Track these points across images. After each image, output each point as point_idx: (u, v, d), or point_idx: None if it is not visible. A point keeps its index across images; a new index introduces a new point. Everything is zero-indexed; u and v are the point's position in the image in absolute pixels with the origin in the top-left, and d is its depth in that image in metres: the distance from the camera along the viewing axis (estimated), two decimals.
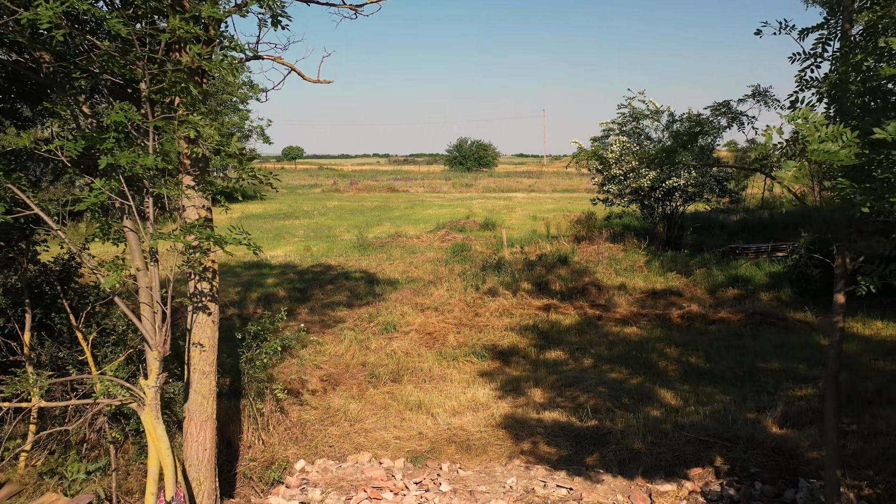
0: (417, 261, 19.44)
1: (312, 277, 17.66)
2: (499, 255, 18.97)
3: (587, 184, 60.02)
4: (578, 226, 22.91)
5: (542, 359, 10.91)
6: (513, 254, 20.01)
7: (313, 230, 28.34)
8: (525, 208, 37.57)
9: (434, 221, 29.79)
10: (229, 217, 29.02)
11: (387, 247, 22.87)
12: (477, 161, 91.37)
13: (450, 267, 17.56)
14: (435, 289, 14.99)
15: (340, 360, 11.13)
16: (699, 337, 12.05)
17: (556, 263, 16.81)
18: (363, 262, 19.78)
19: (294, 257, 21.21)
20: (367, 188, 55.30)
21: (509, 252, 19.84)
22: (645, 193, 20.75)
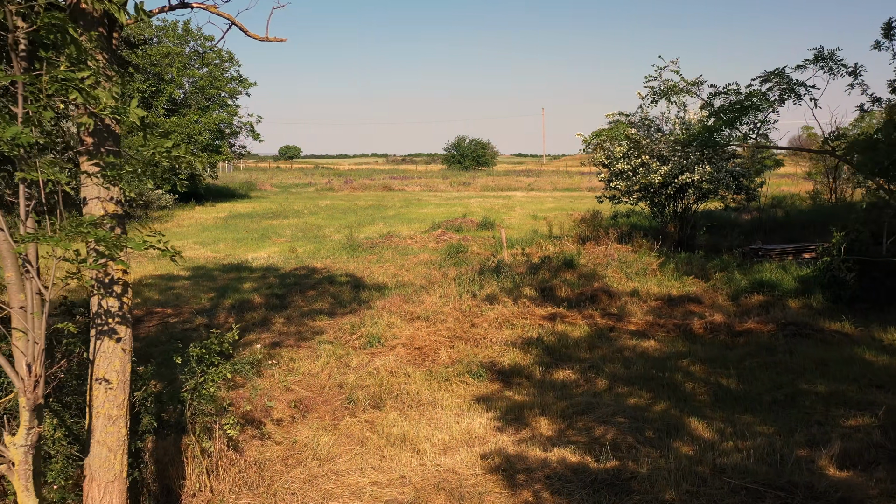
0: (409, 263, 17.94)
1: (294, 282, 16.16)
2: (498, 258, 17.46)
3: (588, 182, 58.60)
4: (583, 225, 21.40)
5: (549, 380, 9.41)
6: (513, 256, 18.50)
7: (302, 230, 26.84)
8: (525, 207, 36.07)
9: (429, 221, 28.29)
10: (214, 217, 27.48)
11: (378, 248, 21.37)
12: (475, 160, 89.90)
13: (444, 270, 16.05)
14: (427, 295, 13.48)
15: (315, 380, 9.62)
16: (727, 352, 10.55)
17: (562, 267, 15.30)
18: (351, 265, 18.27)
19: (278, 259, 19.70)
20: (363, 187, 53.80)
21: (509, 254, 18.33)
22: (655, 190, 19.25)
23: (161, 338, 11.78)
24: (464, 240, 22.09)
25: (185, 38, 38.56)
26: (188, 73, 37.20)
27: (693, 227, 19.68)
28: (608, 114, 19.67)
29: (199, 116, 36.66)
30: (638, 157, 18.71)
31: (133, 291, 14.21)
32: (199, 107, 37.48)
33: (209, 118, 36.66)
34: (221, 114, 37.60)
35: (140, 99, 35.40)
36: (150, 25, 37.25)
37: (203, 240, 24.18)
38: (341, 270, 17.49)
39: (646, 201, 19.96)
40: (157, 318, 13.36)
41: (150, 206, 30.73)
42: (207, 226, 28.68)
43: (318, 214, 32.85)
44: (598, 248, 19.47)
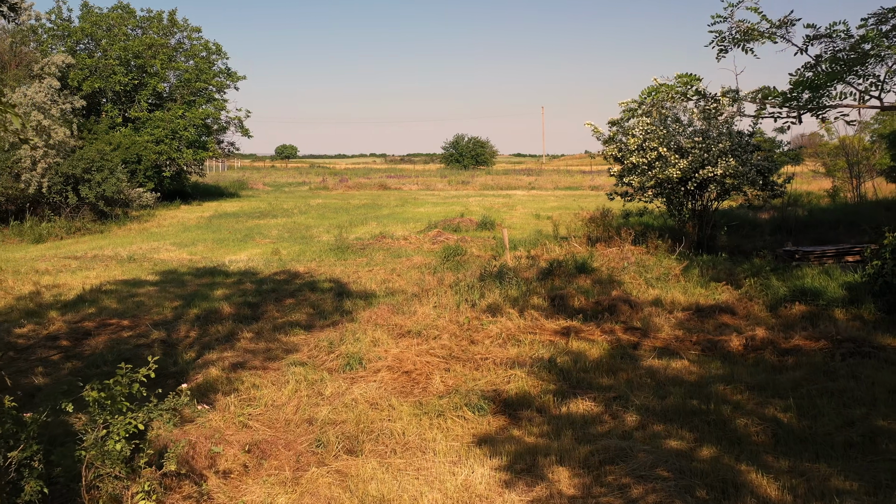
0: (402, 267, 16.18)
1: (272, 288, 14.41)
2: (500, 261, 15.71)
3: (591, 181, 56.87)
4: (592, 225, 19.67)
5: (566, 413, 7.64)
6: (517, 258, 16.75)
7: (289, 230, 25.09)
8: (526, 206, 34.35)
9: (425, 220, 26.55)
10: (199, 216, 25.76)
11: (368, 249, 19.63)
12: (474, 159, 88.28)
13: (439, 275, 14.28)
14: (419, 305, 11.73)
15: (280, 413, 7.86)
16: (776, 376, 8.79)
17: (574, 272, 13.54)
18: (337, 269, 16.52)
19: (258, 262, 17.96)
20: (358, 186, 52.09)
21: (512, 256, 16.58)
22: (673, 186, 17.50)
23: (108, 356, 10.04)
24: (462, 241, 20.35)
25: (170, 30, 36.80)
26: (173, 65, 35.41)
27: (714, 226, 17.93)
28: (622, 101, 17.95)
29: (184, 111, 34.90)
30: (654, 149, 16.95)
31: (88, 300, 12.29)
32: (184, 101, 35.70)
33: (195, 113, 34.89)
34: (208, 108, 35.81)
35: (122, 92, 33.69)
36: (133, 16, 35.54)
37: (181, 241, 22.44)
38: (326, 275, 15.75)
39: (661, 198, 18.21)
40: (108, 332, 11.61)
41: (130, 206, 28.97)
42: (189, 226, 26.93)
43: (308, 214, 31.10)
44: (610, 250, 17.73)
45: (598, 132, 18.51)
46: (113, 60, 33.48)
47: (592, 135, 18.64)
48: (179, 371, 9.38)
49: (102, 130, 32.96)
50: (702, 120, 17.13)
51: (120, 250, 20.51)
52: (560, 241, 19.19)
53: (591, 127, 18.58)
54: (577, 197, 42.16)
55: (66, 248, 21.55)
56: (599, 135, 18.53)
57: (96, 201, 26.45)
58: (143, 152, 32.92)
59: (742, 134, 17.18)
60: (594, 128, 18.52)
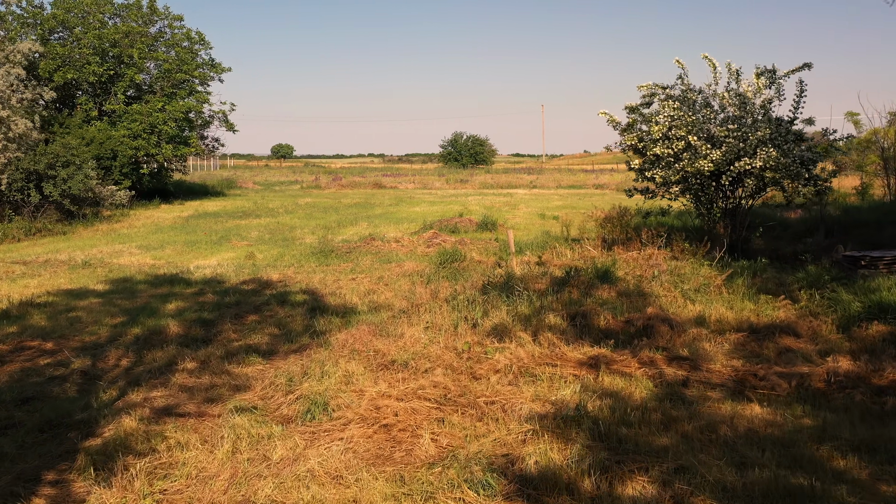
0: (390, 275, 13.92)
1: (236, 301, 12.16)
2: (505, 268, 13.45)
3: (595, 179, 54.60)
4: (608, 226, 17.40)
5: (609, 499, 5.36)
6: (525, 264, 14.50)
7: (271, 231, 22.82)
8: (530, 205, 32.11)
9: (420, 221, 24.29)
10: (176, 216, 23.45)
11: (355, 253, 17.38)
12: (473, 157, 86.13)
13: (434, 286, 11.99)
14: (408, 325, 9.49)
15: (206, 489, 5.60)
16: (882, 430, 6.53)
17: (594, 281, 11.25)
18: (316, 277, 14.26)
19: (227, 268, 15.69)
20: (352, 184, 49.85)
21: (519, 261, 14.34)
22: (702, 181, 15.26)
23: (5, 395, 7.77)
24: (461, 243, 18.10)
25: (150, 18, 34.51)
26: (152, 55, 33.11)
27: (749, 226, 15.68)
28: (641, 85, 15.70)
29: (164, 104, 32.61)
30: (681, 138, 14.70)
31: (14, 315, 9.71)
32: (164, 93, 33.40)
33: (175, 106, 32.59)
34: (189, 101, 33.50)
35: (97, 84, 31.44)
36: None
37: (149, 243, 20.16)
38: (302, 284, 13.48)
39: (689, 195, 15.96)
40: (23, 359, 9.34)
41: (101, 205, 26.68)
42: (163, 226, 24.64)
43: (294, 213, 28.82)
44: (630, 255, 15.47)
45: (614, 121, 16.25)
46: (87, 49, 31.17)
47: (608, 124, 16.39)
48: (88, 419, 7.10)
49: (76, 124, 30.69)
50: (735, 105, 14.89)
51: (77, 254, 18.24)
52: (571, 244, 16.96)
53: (605, 116, 16.32)
54: (582, 196, 39.93)
55: (18, 251, 19.28)
56: (615, 124, 16.28)
57: (61, 200, 24.19)
58: (119, 148, 30.67)
59: (781, 121, 14.93)
60: (609, 116, 16.26)
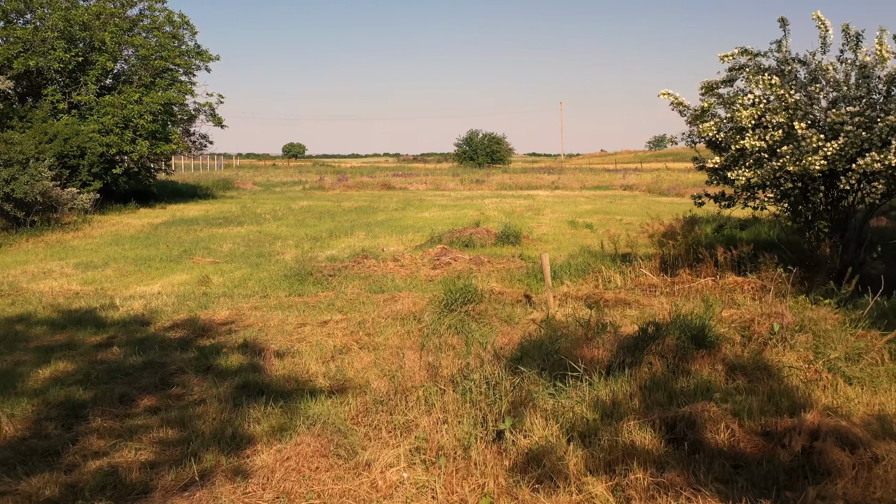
0: (378, 316, 9.89)
1: (144, 363, 8.20)
2: (539, 310, 9.45)
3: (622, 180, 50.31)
4: (670, 241, 13.30)
5: None
6: (563, 298, 10.51)
7: (247, 244, 18.88)
8: (556, 210, 28.00)
9: (428, 230, 20.26)
10: (146, 223, 19.32)
11: (339, 277, 13.42)
12: (489, 156, 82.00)
13: (434, 349, 7.88)
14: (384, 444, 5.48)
15: None
16: None
17: (686, 345, 7.14)
18: (275, 318, 10.28)
19: (167, 300, 11.76)
20: (359, 185, 45.92)
21: (559, 296, 10.35)
22: (808, 184, 11.19)
23: None
24: (476, 263, 14.12)
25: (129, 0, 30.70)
26: (127, 39, 29.25)
27: (868, 246, 11.59)
28: (724, 55, 11.62)
29: (141, 95, 28.76)
30: (780, 126, 10.63)
31: None
32: (141, 83, 29.56)
33: (153, 97, 28.72)
34: (170, 92, 29.61)
35: (65, 72, 27.62)
36: None
37: (92, 260, 16.27)
38: (251, 332, 9.50)
39: (787, 201, 11.88)
40: None
41: (58, 210, 22.84)
42: (124, 237, 20.76)
43: (283, 220, 24.86)
44: (701, 281, 11.53)
45: (682, 105, 12.17)
46: (51, 32, 27.37)
47: (672, 109, 12.29)
48: None
49: (39, 118, 26.89)
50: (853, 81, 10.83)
51: None
52: (620, 265, 12.97)
53: (668, 98, 12.24)
54: (612, 198, 35.80)
55: None
56: (683, 109, 12.21)
57: (2, 204, 20.36)
58: (88, 144, 26.83)
59: None
60: (674, 98, 12.18)
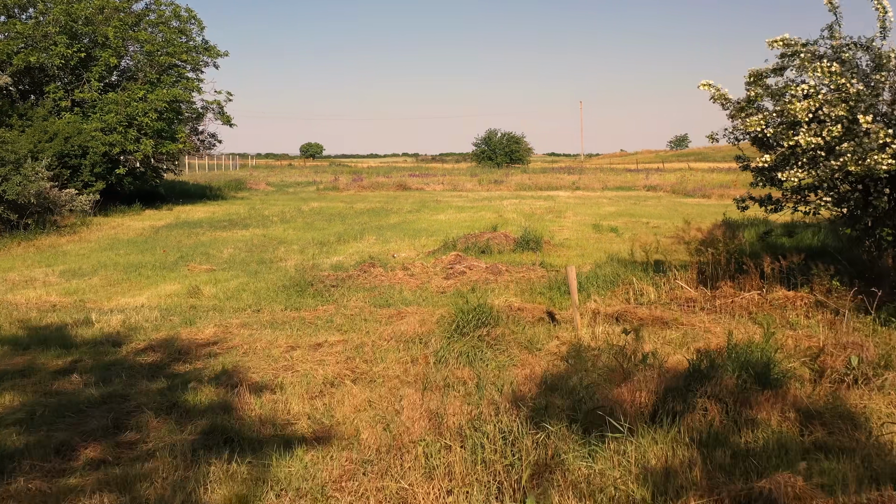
0: (379, 339, 8.62)
1: (103, 396, 7.01)
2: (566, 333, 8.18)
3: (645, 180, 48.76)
4: (710, 250, 11.92)
5: None
6: (592, 317, 9.24)
7: (249, 249, 17.72)
8: (578, 212, 26.65)
9: (442, 234, 19.02)
10: (148, 226, 18.27)
11: (343, 288, 12.21)
12: (508, 156, 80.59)
13: (438, 398, 6.51)
14: None
15: None
16: None
17: (748, 388, 5.82)
18: (263, 339, 9.05)
19: (149, 314, 10.59)
20: (374, 186, 44.75)
21: (584, 313, 9.08)
22: (870, 187, 9.83)
23: None
24: (492, 272, 12.86)
25: None
26: (131, 34, 28.20)
27: None
28: (773, 40, 10.27)
29: (146, 92, 27.69)
30: (839, 119, 9.29)
31: None
32: (147, 80, 28.49)
33: (158, 94, 27.64)
34: (175, 89, 28.52)
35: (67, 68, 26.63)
36: None
37: (80, 267, 15.17)
38: (232, 357, 8.27)
39: (844, 206, 10.50)
40: None
41: (55, 212, 21.79)
42: (121, 241, 19.67)
43: (291, 223, 23.69)
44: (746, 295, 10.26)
45: (723, 97, 10.84)
46: (53, 27, 26.36)
47: (714, 101, 10.95)
48: None
49: (40, 116, 25.91)
50: None
51: None
52: (653, 276, 11.68)
53: (709, 89, 10.90)
54: (636, 200, 34.38)
55: None
56: (725, 102, 10.88)
57: None
58: (91, 143, 25.80)
59: None
60: (715, 90, 10.84)
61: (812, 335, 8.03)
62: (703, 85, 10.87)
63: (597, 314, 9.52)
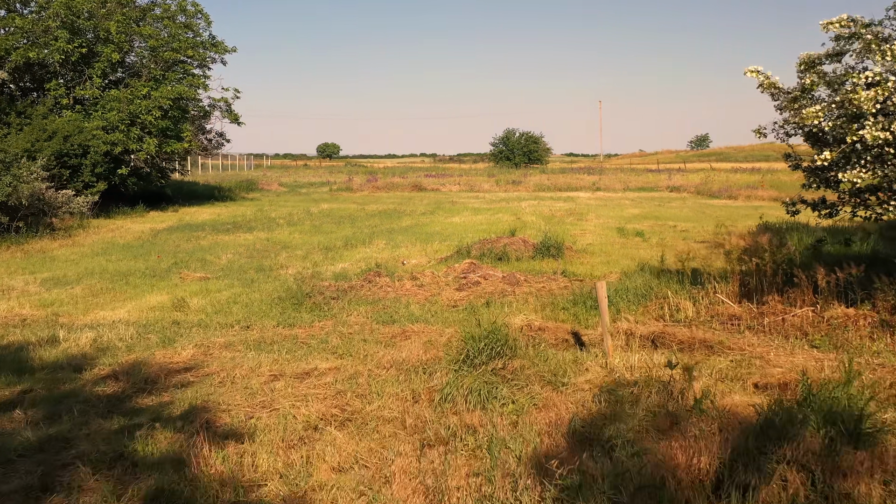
0: (378, 367, 7.39)
1: (37, 444, 5.86)
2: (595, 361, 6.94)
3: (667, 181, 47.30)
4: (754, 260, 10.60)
5: None
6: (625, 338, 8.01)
7: (250, 254, 16.58)
8: (600, 214, 25.33)
9: (457, 238, 17.81)
10: (148, 228, 17.07)
11: (344, 299, 11.03)
12: (526, 156, 79.20)
13: (439, 463, 5.32)
14: None
15: None
16: None
17: (837, 448, 4.57)
18: (244, 365, 7.83)
19: (122, 334, 9.42)
20: (388, 186, 43.59)
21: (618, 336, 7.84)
22: None
23: None
24: (510, 282, 11.62)
25: None
26: (135, 29, 27.15)
27: None
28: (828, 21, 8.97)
29: (149, 89, 26.64)
30: None
31: None
32: (151, 76, 27.45)
33: (163, 91, 26.58)
34: (180, 86, 27.46)
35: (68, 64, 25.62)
36: None
37: (65, 275, 14.07)
38: (205, 388, 7.06)
39: None
40: None
41: (50, 214, 20.76)
42: (117, 245, 18.58)
43: (298, 225, 22.53)
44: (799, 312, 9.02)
45: (773, 86, 9.55)
46: (53, 21, 25.36)
47: (762, 90, 9.67)
48: None
49: (40, 114, 24.91)
50: None
51: None
52: (689, 288, 10.42)
53: (756, 76, 9.62)
54: (660, 201, 33.00)
55: None
56: (775, 92, 9.60)
57: None
58: (91, 142, 24.77)
59: None
60: (764, 77, 9.56)
61: (885, 364, 6.76)
62: (751, 71, 9.58)
63: (630, 336, 8.26)
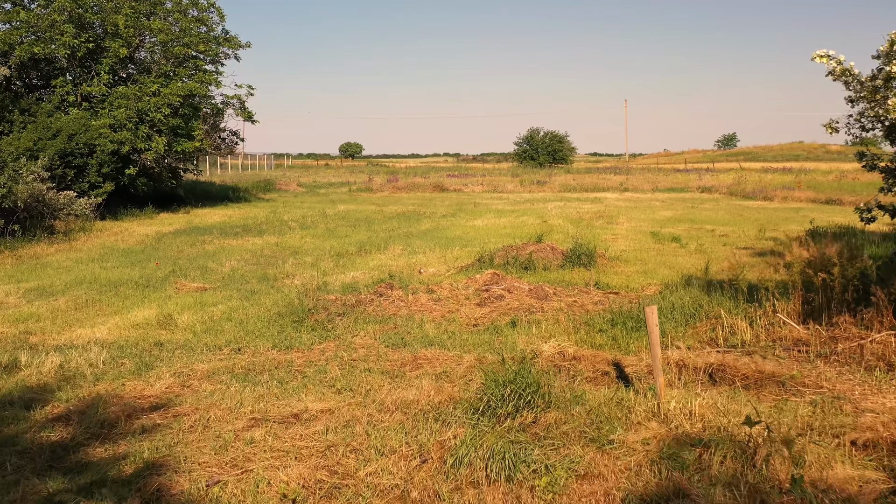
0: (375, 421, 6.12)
1: None
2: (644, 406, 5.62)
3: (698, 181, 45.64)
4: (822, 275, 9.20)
5: None
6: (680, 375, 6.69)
7: (256, 261, 15.38)
8: (631, 217, 23.89)
9: (479, 243, 16.52)
10: (153, 231, 15.95)
11: (351, 316, 9.78)
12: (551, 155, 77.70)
13: None
14: None
15: None
16: None
17: None
18: (224, 403, 6.58)
19: (93, 358, 8.21)
20: (409, 187, 42.36)
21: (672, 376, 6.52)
22: None
23: None
24: (538, 296, 10.32)
25: None
26: (144, 24, 26.10)
27: None
28: None
29: (159, 86, 25.58)
30: None
31: None
32: (161, 72, 26.39)
33: (173, 88, 25.50)
34: (191, 83, 26.36)
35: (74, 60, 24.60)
36: None
37: (52, 284, 12.94)
38: (170, 437, 5.82)
39: None
40: None
41: (50, 216, 19.71)
42: (115, 250, 17.47)
43: (312, 228, 21.32)
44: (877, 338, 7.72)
45: (847, 72, 8.18)
46: (59, 15, 24.35)
47: (833, 78, 8.30)
48: None
49: (45, 111, 23.92)
50: None
51: None
52: (744, 306, 9.07)
53: (826, 62, 8.26)
54: (693, 203, 31.49)
55: None
56: (850, 80, 8.23)
57: None
58: (98, 141, 23.72)
59: None
60: (836, 63, 8.19)
61: None
62: (820, 56, 8.22)
63: (682, 368, 6.93)
